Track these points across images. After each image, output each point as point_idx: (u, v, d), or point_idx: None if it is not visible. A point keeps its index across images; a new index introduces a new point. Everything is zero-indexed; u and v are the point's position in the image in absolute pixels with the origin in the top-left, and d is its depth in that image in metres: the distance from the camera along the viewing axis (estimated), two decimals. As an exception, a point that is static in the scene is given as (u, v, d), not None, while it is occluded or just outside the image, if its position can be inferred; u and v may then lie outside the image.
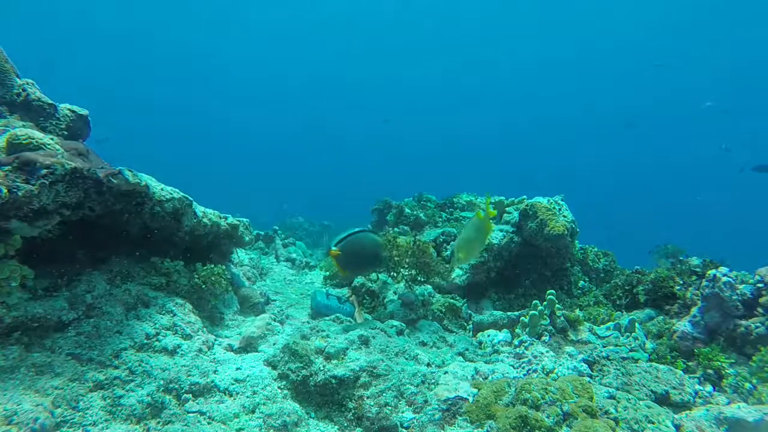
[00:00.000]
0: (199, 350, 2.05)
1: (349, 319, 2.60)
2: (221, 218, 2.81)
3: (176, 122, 31.53)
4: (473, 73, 29.67)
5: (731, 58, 23.51)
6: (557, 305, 2.79)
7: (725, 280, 2.42)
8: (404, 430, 1.79)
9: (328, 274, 4.18)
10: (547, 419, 1.65)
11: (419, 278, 2.96)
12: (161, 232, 2.40)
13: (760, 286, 2.37)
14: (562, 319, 2.75)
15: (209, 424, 1.68)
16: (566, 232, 3.42)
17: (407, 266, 2.91)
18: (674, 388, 2.10)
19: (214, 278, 2.57)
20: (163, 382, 1.74)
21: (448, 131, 33.88)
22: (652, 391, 2.09)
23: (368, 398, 1.86)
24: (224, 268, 2.72)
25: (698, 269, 3.09)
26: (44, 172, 1.65)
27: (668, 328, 2.69)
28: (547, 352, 2.44)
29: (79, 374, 1.63)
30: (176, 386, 1.77)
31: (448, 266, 3.03)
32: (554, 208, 3.57)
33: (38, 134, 2.01)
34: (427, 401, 1.89)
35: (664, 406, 2.00)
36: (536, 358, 2.40)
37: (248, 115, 33.51)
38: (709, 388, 2.21)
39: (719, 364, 2.27)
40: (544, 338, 2.63)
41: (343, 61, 29.72)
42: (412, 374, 2.02)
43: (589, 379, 2.17)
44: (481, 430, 1.72)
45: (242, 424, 1.71)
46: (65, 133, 2.76)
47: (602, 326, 2.85)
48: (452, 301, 3.05)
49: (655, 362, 2.39)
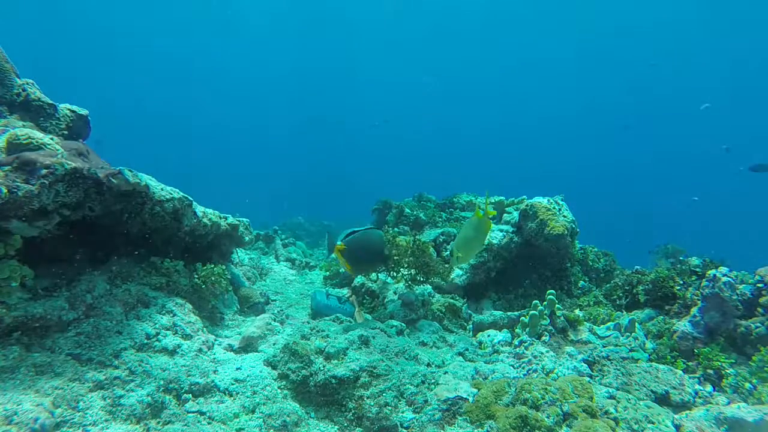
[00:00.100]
0: (199, 350, 2.05)
1: (349, 319, 2.60)
2: (221, 218, 2.81)
3: (176, 123, 31.58)
4: (473, 72, 29.69)
5: (731, 58, 23.52)
6: (557, 305, 2.79)
7: (725, 280, 2.42)
8: (404, 430, 1.79)
9: (328, 274, 4.18)
10: (547, 419, 1.65)
11: (419, 278, 2.96)
12: (161, 232, 2.40)
13: (760, 286, 2.37)
14: (562, 319, 2.75)
15: (209, 424, 1.68)
16: (566, 232, 3.42)
17: (407, 266, 2.91)
18: (674, 388, 2.10)
19: (214, 278, 2.58)
20: (163, 382, 1.74)
21: (448, 131, 33.93)
22: (652, 391, 2.09)
23: (368, 398, 1.86)
24: (224, 268, 2.72)
25: (698, 269, 3.09)
26: (44, 172, 1.65)
27: (668, 328, 2.69)
28: (547, 352, 2.44)
29: (79, 374, 1.63)
30: (176, 386, 1.77)
31: (447, 266, 3.03)
32: (554, 208, 3.57)
33: (38, 134, 2.01)
34: (427, 401, 1.89)
35: (664, 406, 2.00)
36: (536, 358, 2.40)
37: (248, 115, 33.58)
38: (709, 388, 2.21)
39: (719, 364, 2.28)
40: (544, 338, 2.63)
41: (342, 60, 29.73)
42: (412, 374, 2.02)
43: (589, 379, 2.17)
44: (481, 430, 1.72)
45: (242, 424, 1.71)
46: (65, 133, 2.76)
47: (602, 326, 2.85)
48: (452, 301, 3.05)
49: (655, 362, 2.39)
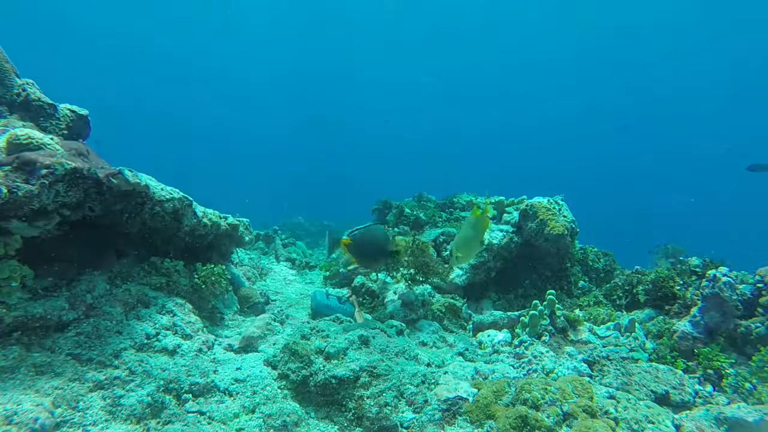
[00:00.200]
0: (199, 350, 2.05)
1: (349, 319, 2.60)
2: (221, 218, 2.81)
3: (176, 123, 31.58)
4: (473, 72, 29.68)
5: (731, 58, 23.52)
6: (557, 305, 2.79)
7: (725, 280, 2.42)
8: (404, 430, 1.79)
9: (328, 274, 4.18)
10: (547, 419, 1.65)
11: (418, 278, 2.96)
12: (161, 232, 2.40)
13: (760, 286, 2.37)
14: (562, 319, 2.75)
15: (209, 424, 1.68)
16: (566, 232, 3.42)
17: (406, 265, 2.91)
18: (674, 388, 2.10)
19: (214, 278, 2.58)
20: (163, 382, 1.74)
21: (448, 131, 33.93)
22: (652, 391, 2.09)
23: (368, 398, 1.86)
24: (224, 268, 2.73)
25: (698, 269, 3.09)
26: (44, 172, 1.65)
27: (668, 328, 2.69)
28: (547, 352, 2.44)
29: (79, 374, 1.63)
30: (176, 386, 1.77)
31: (447, 266, 3.02)
32: (554, 208, 3.57)
33: (38, 134, 2.01)
34: (427, 401, 1.89)
35: (664, 406, 2.00)
36: (536, 358, 2.40)
37: (248, 115, 33.57)
38: (709, 388, 2.21)
39: (719, 364, 2.28)
40: (544, 338, 2.63)
41: (342, 60, 29.73)
42: (412, 374, 2.02)
43: (589, 379, 2.17)
44: (481, 430, 1.72)
45: (242, 424, 1.71)
46: (65, 133, 2.76)
47: (602, 326, 2.85)
48: (452, 301, 3.05)
49: (655, 362, 2.39)
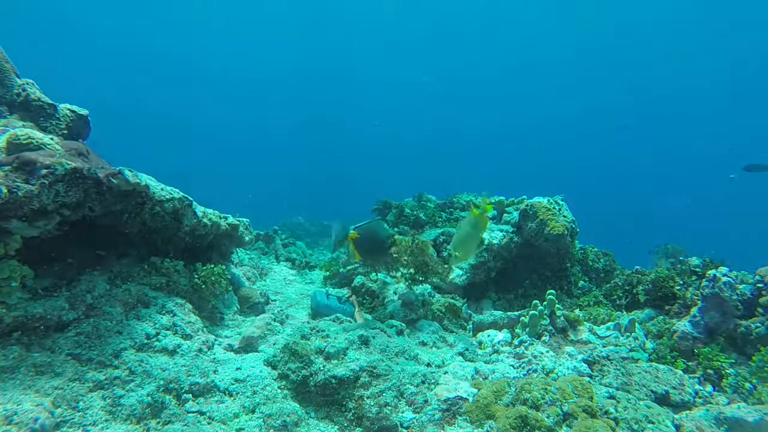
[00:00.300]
0: (199, 350, 2.05)
1: (349, 319, 2.60)
2: (221, 218, 2.81)
3: (176, 123, 31.56)
4: (473, 72, 29.67)
5: (731, 58, 23.52)
6: (557, 305, 2.79)
7: (725, 280, 2.42)
8: (404, 430, 1.79)
9: (328, 274, 4.18)
10: (547, 419, 1.65)
11: (418, 277, 2.96)
12: (161, 232, 2.40)
13: (760, 286, 2.37)
14: (562, 319, 2.75)
15: (209, 424, 1.68)
16: (566, 232, 3.42)
17: (406, 264, 2.91)
18: (674, 388, 2.10)
19: (214, 278, 2.58)
20: (163, 382, 1.74)
21: (448, 131, 33.90)
22: (652, 391, 2.09)
23: (368, 398, 1.86)
24: (224, 268, 2.73)
25: (698, 269, 3.09)
26: (44, 172, 1.65)
27: (668, 328, 2.69)
28: (547, 352, 2.44)
29: (79, 374, 1.63)
30: (176, 386, 1.77)
31: (447, 266, 3.02)
32: (554, 208, 3.57)
33: (38, 134, 2.01)
34: (427, 401, 1.89)
35: (664, 406, 2.00)
36: (536, 358, 2.40)
37: (248, 115, 33.53)
38: (709, 388, 2.21)
39: (719, 364, 2.28)
40: (544, 338, 2.63)
41: (342, 60, 29.71)
42: (412, 374, 2.02)
43: (589, 379, 2.17)
44: (481, 430, 1.72)
45: (242, 424, 1.71)
46: (65, 133, 2.76)
47: (602, 326, 2.85)
48: (452, 301, 3.05)
49: (655, 362, 2.39)
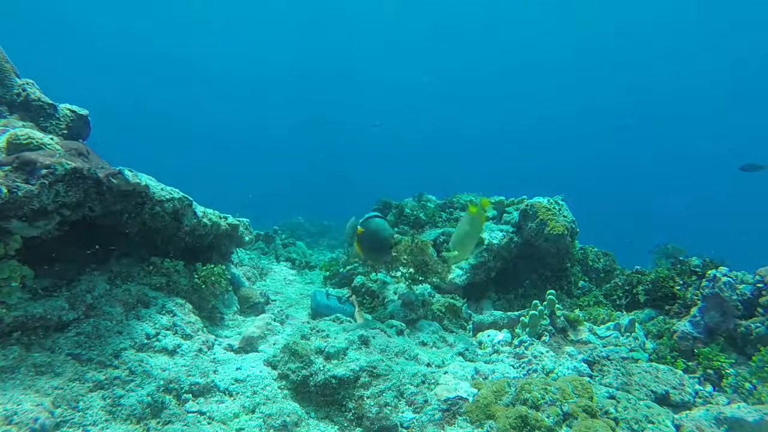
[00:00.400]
0: (199, 350, 2.05)
1: (349, 319, 2.60)
2: (221, 218, 2.81)
3: (176, 123, 31.57)
4: (473, 72, 29.67)
5: (731, 58, 23.52)
6: (557, 305, 2.79)
7: (725, 280, 2.42)
8: (404, 430, 1.79)
9: (328, 274, 4.19)
10: (547, 419, 1.65)
11: (418, 277, 2.96)
12: (161, 232, 2.40)
13: (760, 286, 2.37)
14: (562, 319, 2.75)
15: (209, 424, 1.68)
16: (566, 232, 3.42)
17: (405, 263, 2.91)
18: (674, 388, 2.10)
19: (214, 278, 2.58)
20: (163, 382, 1.74)
21: (448, 131, 33.91)
22: (652, 391, 2.09)
23: (368, 398, 1.86)
24: (224, 268, 2.72)
25: (698, 269, 3.09)
26: (44, 172, 1.65)
27: (668, 328, 2.69)
28: (547, 352, 2.44)
29: (79, 374, 1.63)
30: (176, 386, 1.77)
31: (446, 265, 3.02)
32: (554, 208, 3.57)
33: (38, 134, 2.01)
34: (427, 401, 1.89)
35: (664, 406, 2.00)
36: (536, 358, 2.40)
37: (248, 115, 33.54)
38: (709, 388, 2.21)
39: (719, 364, 2.28)
40: (544, 338, 2.63)
41: (342, 60, 29.71)
42: (412, 374, 2.02)
43: (589, 379, 2.17)
44: (481, 430, 1.72)
45: (242, 424, 1.71)
46: (65, 133, 2.76)
47: (602, 326, 2.85)
48: (452, 301, 3.05)
49: (655, 362, 2.39)
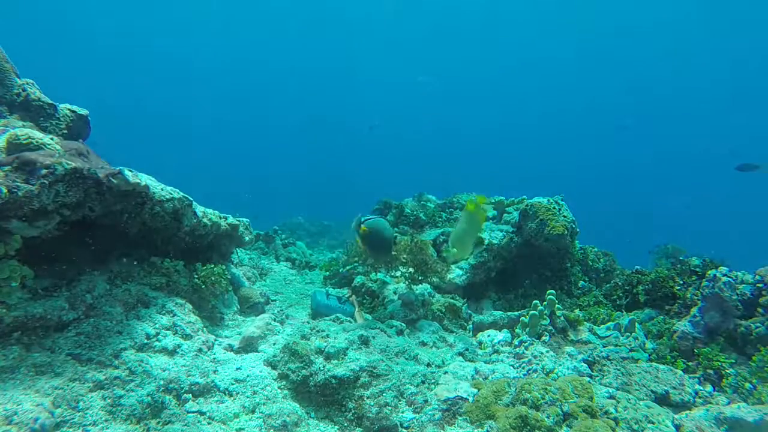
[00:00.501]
0: (199, 350, 2.05)
1: (349, 319, 2.60)
2: (221, 218, 2.81)
3: (176, 123, 31.56)
4: (473, 72, 29.68)
5: (731, 58, 23.52)
6: (557, 305, 2.79)
7: (725, 280, 2.42)
8: (404, 430, 1.79)
9: (328, 273, 4.18)
10: (547, 419, 1.65)
11: (417, 276, 2.96)
12: (161, 232, 2.40)
13: (760, 286, 2.37)
14: (562, 319, 2.75)
15: (209, 424, 1.68)
16: (566, 232, 3.42)
17: (405, 262, 2.91)
18: (674, 388, 2.10)
19: (214, 278, 2.58)
20: (163, 382, 1.74)
21: (448, 131, 33.92)
22: (652, 391, 2.09)
23: (368, 398, 1.86)
24: (224, 268, 2.72)
25: (698, 269, 3.09)
26: (44, 172, 1.65)
27: (668, 328, 2.69)
28: (547, 352, 2.44)
29: (79, 374, 1.63)
30: (176, 386, 1.77)
31: (446, 265, 3.02)
32: (554, 208, 3.57)
33: (38, 134, 2.00)
34: (427, 401, 1.89)
35: (664, 406, 2.00)
36: (536, 358, 2.40)
37: (248, 115, 33.54)
38: (709, 388, 2.21)
39: (719, 364, 2.28)
40: (544, 338, 2.63)
41: (342, 60, 29.73)
42: (412, 374, 2.02)
43: (589, 379, 2.17)
44: (481, 430, 1.72)
45: (242, 424, 1.71)
46: (65, 133, 2.76)
47: (602, 326, 2.85)
48: (452, 301, 3.05)
49: (655, 362, 2.40)
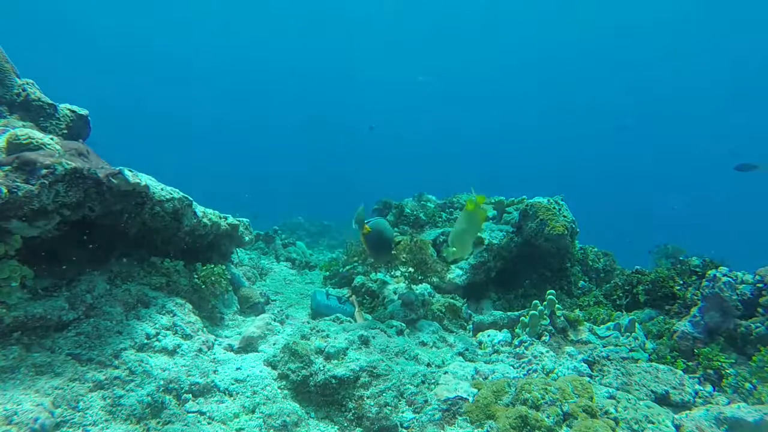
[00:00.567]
0: (199, 350, 2.05)
1: (349, 319, 2.60)
2: (221, 218, 2.81)
3: (176, 123, 31.56)
4: (473, 72, 29.67)
5: (731, 58, 23.51)
6: (557, 305, 2.79)
7: (725, 280, 2.42)
8: (404, 430, 1.79)
9: (328, 274, 4.19)
10: (547, 419, 1.65)
11: (417, 276, 2.96)
12: (161, 232, 2.40)
13: (760, 286, 2.37)
14: (562, 319, 2.75)
15: (209, 424, 1.68)
16: (566, 232, 3.42)
17: (405, 262, 2.91)
18: (674, 388, 2.10)
19: (214, 278, 2.58)
20: (163, 382, 1.74)
21: (448, 131, 33.94)
22: (652, 391, 2.09)
23: (368, 398, 1.86)
24: (224, 268, 2.72)
25: (698, 269, 3.09)
26: (44, 172, 1.65)
27: (668, 328, 2.69)
28: (547, 352, 2.44)
29: (79, 374, 1.63)
30: (176, 386, 1.77)
31: (446, 265, 3.03)
32: (554, 208, 3.57)
33: (38, 134, 2.00)
34: (427, 401, 1.89)
35: (664, 406, 2.00)
36: (536, 358, 2.40)
37: (248, 115, 33.54)
38: (709, 388, 2.21)
39: (719, 364, 2.28)
40: (544, 338, 2.63)
41: (342, 60, 29.74)
42: (412, 374, 2.02)
43: (589, 379, 2.17)
44: (481, 430, 1.72)
45: (242, 424, 1.71)
46: (65, 133, 2.75)
47: (602, 326, 2.85)
48: (452, 301, 3.05)
49: (655, 362, 2.40)
